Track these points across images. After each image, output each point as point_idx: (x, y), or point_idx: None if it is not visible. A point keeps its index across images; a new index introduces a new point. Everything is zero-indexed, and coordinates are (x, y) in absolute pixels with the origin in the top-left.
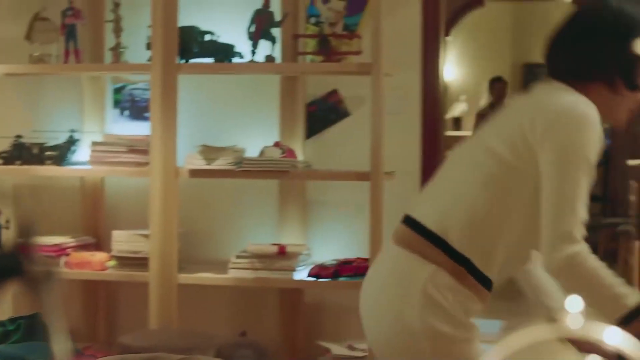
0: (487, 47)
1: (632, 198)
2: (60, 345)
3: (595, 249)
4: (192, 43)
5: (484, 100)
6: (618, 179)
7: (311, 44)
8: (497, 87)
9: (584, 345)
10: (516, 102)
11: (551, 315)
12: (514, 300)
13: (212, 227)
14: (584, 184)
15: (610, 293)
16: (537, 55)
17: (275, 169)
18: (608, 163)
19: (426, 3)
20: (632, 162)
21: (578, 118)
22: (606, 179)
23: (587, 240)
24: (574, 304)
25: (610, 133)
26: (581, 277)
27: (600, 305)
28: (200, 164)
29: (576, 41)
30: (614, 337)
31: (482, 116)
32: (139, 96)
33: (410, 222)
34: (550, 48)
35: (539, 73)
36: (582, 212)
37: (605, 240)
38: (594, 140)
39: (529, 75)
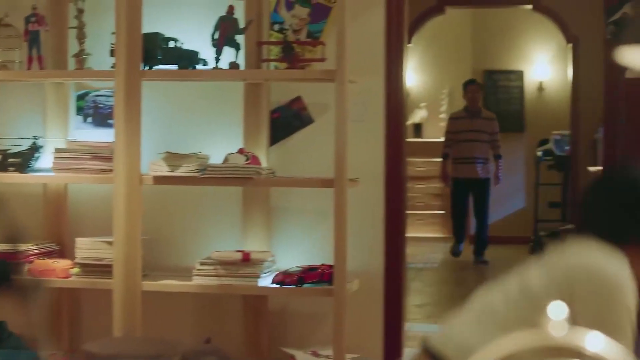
0: (447, 54)
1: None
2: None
3: None
4: (156, 50)
5: (444, 106)
6: (579, 185)
7: (275, 51)
8: (471, 90)
9: None
10: (556, 258)
11: None
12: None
13: (176, 234)
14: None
15: None
16: (498, 62)
17: (239, 176)
18: (568, 169)
19: (390, 10)
20: (593, 169)
21: (614, 289)
22: (566, 185)
23: (548, 245)
24: (557, 311)
25: (571, 140)
26: None
27: None
28: (164, 170)
29: (614, 208)
30: (596, 343)
31: (456, 119)
32: (102, 103)
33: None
34: (586, 212)
35: (498, 79)
36: None
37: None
38: (630, 308)
39: (489, 82)
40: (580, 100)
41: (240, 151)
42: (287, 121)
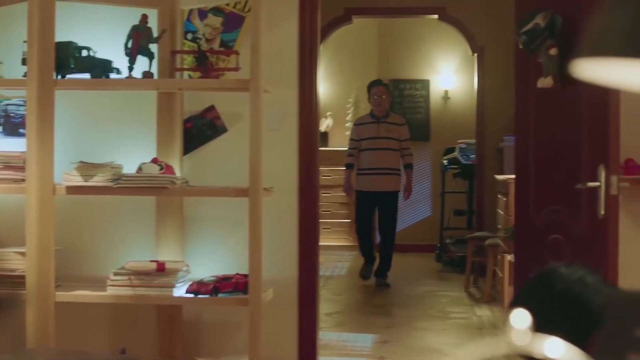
0: (353, 63)
1: (500, 212)
2: None
3: (463, 262)
4: (68, 58)
5: (350, 115)
6: (484, 193)
7: (189, 60)
8: (377, 92)
9: None
10: None
11: None
12: (386, 315)
13: (90, 244)
14: None
15: None
16: (404, 71)
17: (154, 185)
18: (473, 178)
19: (303, 20)
20: (500, 177)
21: None
22: (471, 193)
23: (455, 253)
24: (520, 319)
25: (477, 149)
26: None
27: None
28: (77, 180)
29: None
30: (556, 348)
31: (361, 126)
32: (14, 112)
33: None
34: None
35: (404, 88)
36: None
37: (473, 254)
38: None
39: (395, 91)
40: (486, 110)
41: (154, 160)
42: (200, 130)
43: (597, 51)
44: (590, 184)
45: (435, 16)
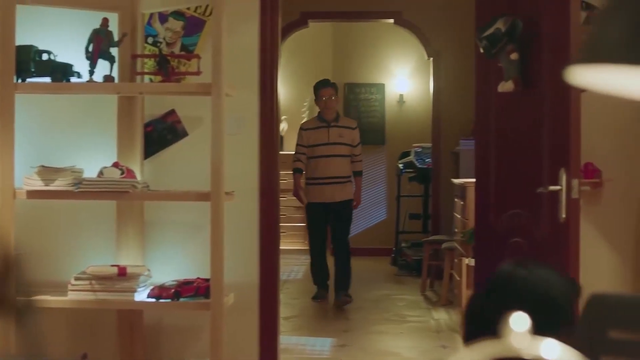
0: (309, 66)
1: (457, 215)
2: None
3: (418, 266)
4: (29, 62)
5: (305, 119)
6: (440, 197)
7: (150, 64)
8: (325, 93)
9: None
10: None
11: None
12: (343, 319)
13: (50, 249)
14: None
15: None
16: (359, 75)
17: (115, 190)
18: (429, 182)
19: (263, 25)
20: (456, 181)
21: None
22: (427, 197)
23: (410, 256)
24: (520, 322)
25: (432, 152)
26: None
27: None
28: (38, 185)
29: None
30: (552, 350)
31: (309, 131)
32: None
33: None
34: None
35: (360, 92)
36: None
37: (429, 257)
38: None
39: (350, 95)
40: (441, 113)
41: (115, 165)
42: (161, 134)
43: (594, 58)
44: (552, 187)
45: (391, 20)
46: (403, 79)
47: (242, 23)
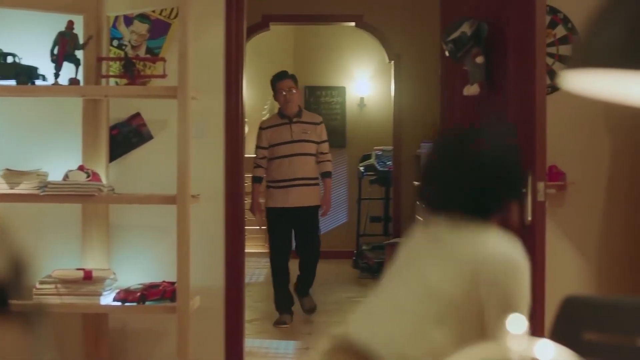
0: (269, 69)
1: (419, 218)
2: None
3: (380, 268)
4: None
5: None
6: (401, 199)
7: (115, 67)
8: (284, 86)
9: None
10: (448, 244)
11: None
12: (306, 322)
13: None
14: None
15: None
16: (320, 78)
17: (80, 193)
18: (390, 184)
19: (229, 28)
20: (418, 184)
21: (516, 269)
22: (387, 200)
23: (372, 259)
24: (517, 324)
25: (393, 155)
26: None
27: None
28: (3, 188)
29: (475, 190)
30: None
31: (269, 129)
32: None
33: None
34: (442, 190)
35: (320, 95)
36: None
37: (391, 259)
38: (528, 283)
39: (311, 98)
40: (402, 116)
41: (81, 168)
42: (126, 137)
43: (588, 62)
44: None
45: (353, 24)
46: (364, 82)
47: (207, 26)
